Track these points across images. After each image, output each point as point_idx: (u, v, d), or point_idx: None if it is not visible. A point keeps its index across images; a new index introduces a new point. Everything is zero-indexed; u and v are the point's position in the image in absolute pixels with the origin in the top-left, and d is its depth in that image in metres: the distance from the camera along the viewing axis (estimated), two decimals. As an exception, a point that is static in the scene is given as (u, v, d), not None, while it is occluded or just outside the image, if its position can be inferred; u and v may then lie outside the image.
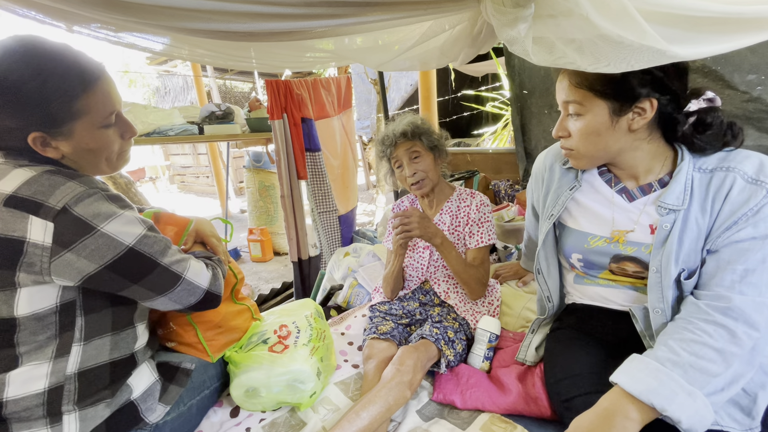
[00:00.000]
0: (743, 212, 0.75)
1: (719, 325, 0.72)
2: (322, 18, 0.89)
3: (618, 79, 0.77)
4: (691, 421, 0.67)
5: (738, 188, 0.76)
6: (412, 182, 1.34)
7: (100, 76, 0.80)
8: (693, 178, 0.82)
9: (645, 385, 0.69)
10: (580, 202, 0.98)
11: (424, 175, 1.33)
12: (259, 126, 2.56)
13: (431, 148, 1.35)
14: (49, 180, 0.72)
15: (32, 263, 0.70)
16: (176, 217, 1.06)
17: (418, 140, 1.33)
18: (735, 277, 0.74)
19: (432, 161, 1.36)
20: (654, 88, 0.78)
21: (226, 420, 1.05)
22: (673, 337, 0.75)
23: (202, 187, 8.79)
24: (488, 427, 0.96)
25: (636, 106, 0.79)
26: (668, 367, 0.70)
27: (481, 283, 1.32)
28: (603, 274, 0.97)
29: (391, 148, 1.35)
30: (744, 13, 0.65)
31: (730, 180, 0.77)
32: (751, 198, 0.74)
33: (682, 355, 0.71)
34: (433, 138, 1.35)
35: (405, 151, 1.33)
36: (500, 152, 2.91)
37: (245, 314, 1.16)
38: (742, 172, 0.77)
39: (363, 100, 7.07)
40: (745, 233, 0.74)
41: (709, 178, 0.80)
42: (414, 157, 1.34)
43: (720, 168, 0.80)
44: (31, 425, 0.74)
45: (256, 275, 3.79)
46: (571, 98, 0.84)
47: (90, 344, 0.79)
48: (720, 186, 0.79)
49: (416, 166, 1.33)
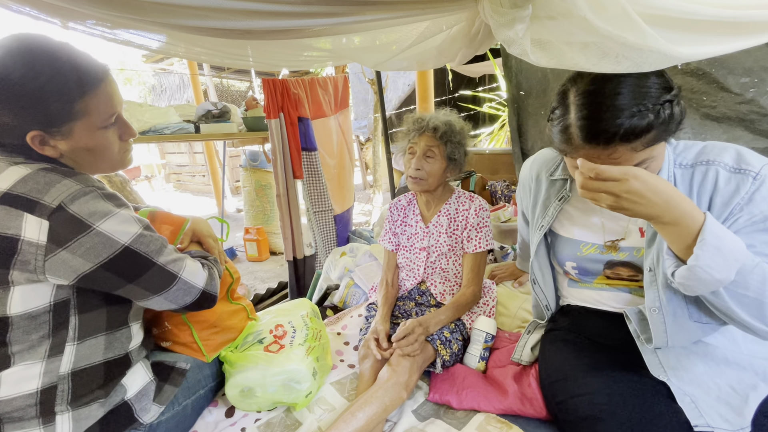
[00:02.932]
0: (736, 201, 0.75)
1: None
2: (319, 16, 0.89)
3: (668, 116, 0.70)
4: (707, 261, 0.64)
5: (723, 179, 0.77)
6: (412, 175, 1.33)
7: (103, 78, 0.79)
8: (675, 175, 0.82)
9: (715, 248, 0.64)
10: (570, 212, 0.99)
11: (426, 176, 1.31)
12: (256, 125, 2.55)
13: (449, 157, 1.32)
14: (45, 178, 0.72)
15: (26, 261, 0.70)
16: (172, 216, 1.05)
17: (443, 144, 1.29)
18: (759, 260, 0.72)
19: (442, 168, 1.32)
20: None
21: (221, 420, 1.05)
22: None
23: (198, 186, 8.75)
24: (484, 427, 0.96)
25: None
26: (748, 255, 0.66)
27: (476, 301, 1.34)
28: (598, 280, 0.97)
29: (417, 134, 1.31)
30: (739, 17, 0.65)
31: (713, 173, 0.78)
32: (740, 187, 0.75)
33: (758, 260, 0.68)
34: (457, 149, 1.32)
35: (424, 145, 1.30)
36: (497, 153, 2.93)
37: (241, 314, 1.16)
38: (723, 163, 0.78)
39: (360, 99, 7.06)
40: (742, 221, 0.75)
41: (690, 173, 0.81)
42: (428, 156, 1.30)
43: (699, 162, 0.80)
44: (24, 425, 0.74)
45: (252, 275, 3.78)
46: (642, 158, 0.75)
47: (84, 344, 0.79)
48: (703, 180, 0.79)
49: (424, 164, 1.30)
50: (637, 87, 0.69)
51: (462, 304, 1.29)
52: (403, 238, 1.48)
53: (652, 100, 0.69)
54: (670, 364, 0.84)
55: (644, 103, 0.68)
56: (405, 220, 1.49)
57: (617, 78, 0.70)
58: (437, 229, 1.40)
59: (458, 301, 1.28)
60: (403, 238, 1.48)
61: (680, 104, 0.73)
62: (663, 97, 0.70)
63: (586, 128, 0.71)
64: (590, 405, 0.83)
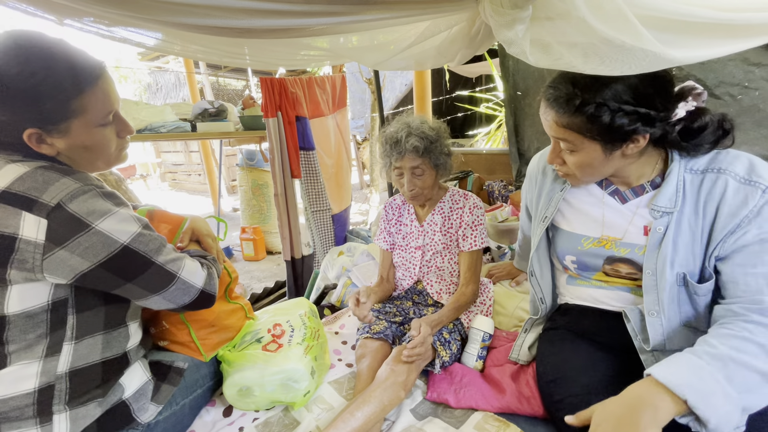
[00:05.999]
0: (744, 214, 0.75)
1: (759, 323, 0.70)
2: (320, 15, 0.89)
3: (607, 124, 0.76)
4: (719, 422, 0.63)
5: (732, 190, 0.76)
6: (408, 196, 1.33)
7: (100, 75, 0.79)
8: (684, 180, 0.82)
9: (682, 378, 0.65)
10: (572, 204, 0.99)
11: (421, 191, 1.31)
12: (253, 124, 2.54)
13: (436, 166, 1.31)
14: (43, 176, 0.71)
15: (24, 260, 0.69)
16: (170, 214, 1.05)
17: (427, 157, 1.28)
18: (760, 281, 0.73)
19: (433, 178, 1.32)
20: (644, 124, 0.77)
21: (219, 419, 1.05)
22: (711, 335, 0.73)
23: (193, 185, 8.69)
24: (482, 425, 0.96)
25: (629, 140, 0.79)
26: (706, 360, 0.67)
27: (474, 300, 1.35)
28: (596, 276, 0.98)
29: (399, 156, 1.27)
30: (734, 19, 0.66)
31: (722, 182, 0.78)
32: (749, 199, 0.75)
33: (720, 348, 0.68)
34: (440, 156, 1.30)
35: (410, 166, 1.28)
36: (494, 153, 2.94)
37: (239, 313, 1.16)
38: (733, 173, 0.77)
39: (357, 99, 7.05)
40: (751, 235, 0.75)
41: (700, 179, 0.81)
42: (418, 174, 1.29)
43: (710, 169, 0.80)
44: (20, 425, 0.73)
45: (249, 274, 3.76)
46: (561, 136, 0.84)
47: (81, 343, 0.78)
48: (712, 188, 0.79)
49: (416, 182, 1.30)
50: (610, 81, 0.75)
51: (463, 304, 1.29)
52: (398, 237, 1.48)
53: (608, 97, 0.75)
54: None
55: (600, 94, 0.75)
56: (400, 219, 1.49)
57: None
58: (432, 227, 1.41)
59: (459, 301, 1.29)
60: (398, 237, 1.48)
61: (635, 123, 0.76)
62: (619, 103, 0.75)
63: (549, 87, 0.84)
64: (587, 404, 0.83)
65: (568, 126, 0.81)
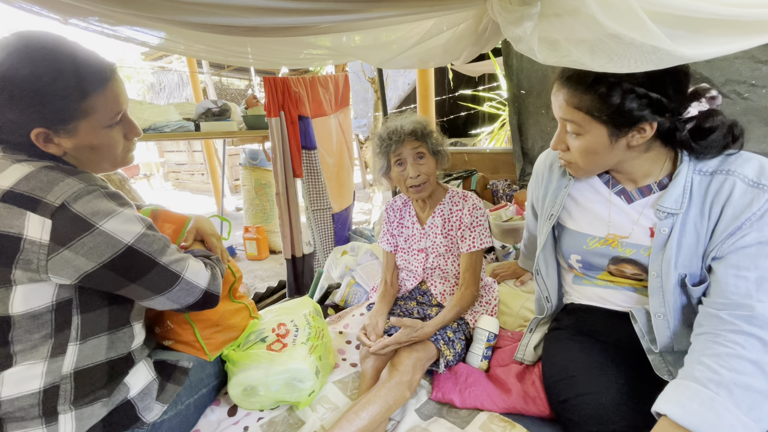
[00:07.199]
0: (746, 216, 0.74)
1: (748, 334, 0.69)
2: (327, 13, 0.88)
3: (616, 105, 0.76)
4: None
5: (739, 192, 0.75)
6: (413, 184, 1.29)
7: (110, 76, 0.79)
8: (692, 181, 0.81)
9: (701, 417, 0.64)
10: (578, 202, 0.98)
11: (427, 178, 1.29)
12: (257, 123, 2.55)
13: (434, 152, 1.31)
14: (48, 176, 0.71)
15: (29, 260, 0.69)
16: (174, 214, 1.05)
17: (425, 142, 1.29)
18: (750, 285, 0.72)
19: (434, 165, 1.32)
20: (653, 111, 0.76)
21: (223, 419, 1.04)
22: (705, 354, 0.71)
23: (197, 185, 8.72)
24: (487, 425, 0.96)
25: (636, 128, 0.79)
26: (713, 390, 0.66)
27: (474, 302, 1.34)
28: (601, 276, 0.97)
29: (397, 145, 1.28)
30: (743, 15, 0.65)
31: (730, 184, 0.77)
32: (754, 202, 0.74)
33: (722, 373, 0.67)
34: (436, 143, 1.32)
35: (411, 150, 1.27)
36: (497, 152, 2.93)
37: (243, 312, 1.16)
38: (742, 175, 0.76)
39: (360, 98, 7.05)
40: (750, 238, 0.74)
41: (708, 181, 0.80)
42: (419, 158, 1.29)
43: (720, 171, 0.79)
44: (26, 425, 0.73)
45: (252, 273, 3.77)
46: (569, 117, 0.83)
47: (86, 343, 0.78)
48: (719, 190, 0.78)
49: (420, 168, 1.28)
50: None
51: (463, 307, 1.29)
52: (400, 239, 1.47)
53: (622, 77, 0.74)
54: (674, 365, 0.84)
55: (615, 74, 0.74)
56: (401, 222, 1.48)
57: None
58: (433, 230, 1.39)
59: (460, 303, 1.28)
60: (400, 239, 1.47)
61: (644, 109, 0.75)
62: (632, 84, 0.74)
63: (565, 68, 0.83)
64: (594, 404, 0.83)
65: (578, 106, 0.81)
